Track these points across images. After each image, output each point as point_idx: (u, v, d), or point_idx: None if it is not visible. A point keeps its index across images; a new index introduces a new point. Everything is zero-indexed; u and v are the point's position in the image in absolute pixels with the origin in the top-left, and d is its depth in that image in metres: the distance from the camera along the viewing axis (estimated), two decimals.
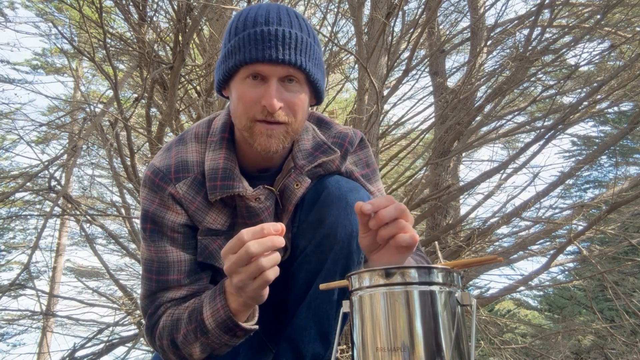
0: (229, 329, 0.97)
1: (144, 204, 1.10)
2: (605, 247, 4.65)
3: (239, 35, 0.99)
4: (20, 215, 5.19)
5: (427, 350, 0.69)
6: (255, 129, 1.01)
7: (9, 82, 6.79)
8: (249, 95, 0.99)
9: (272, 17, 0.98)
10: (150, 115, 3.69)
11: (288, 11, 1.02)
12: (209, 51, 3.87)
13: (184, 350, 1.02)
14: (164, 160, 1.11)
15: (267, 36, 0.96)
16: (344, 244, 1.07)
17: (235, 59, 0.98)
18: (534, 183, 3.80)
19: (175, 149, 1.13)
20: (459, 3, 5.36)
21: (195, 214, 1.09)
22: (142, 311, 1.13)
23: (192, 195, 1.08)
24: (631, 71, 3.74)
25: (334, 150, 1.15)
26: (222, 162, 1.08)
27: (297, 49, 0.98)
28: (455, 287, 0.75)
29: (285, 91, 1.00)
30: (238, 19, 1.02)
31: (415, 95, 6.22)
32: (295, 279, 1.13)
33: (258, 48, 0.96)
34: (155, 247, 1.09)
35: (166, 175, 1.09)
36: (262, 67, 0.97)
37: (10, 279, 3.64)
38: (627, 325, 3.85)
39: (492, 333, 3.79)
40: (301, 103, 1.02)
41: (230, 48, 1.01)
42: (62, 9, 5.50)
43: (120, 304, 4.20)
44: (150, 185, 1.10)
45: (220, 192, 1.06)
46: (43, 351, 4.65)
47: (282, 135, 1.02)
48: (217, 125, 1.14)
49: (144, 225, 1.10)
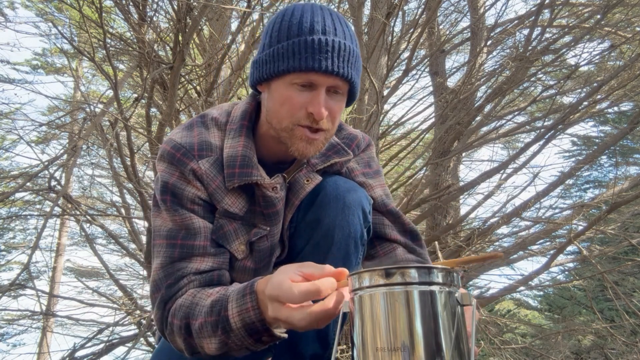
0: (255, 332, 0.90)
1: (163, 176, 1.08)
2: (605, 247, 4.65)
3: (294, 40, 1.00)
4: (20, 215, 5.19)
5: (427, 350, 0.69)
6: (297, 133, 1.03)
7: (9, 82, 6.79)
8: (297, 100, 1.01)
9: (328, 25, 1.01)
10: (150, 115, 3.69)
11: (339, 18, 1.05)
12: (209, 51, 3.87)
13: (198, 340, 0.95)
14: (185, 138, 1.10)
15: (325, 46, 0.98)
16: (341, 245, 1.07)
17: (289, 63, 0.99)
18: (534, 183, 3.81)
19: (197, 129, 1.12)
20: (459, 3, 5.36)
21: (215, 193, 1.07)
22: (156, 283, 1.03)
23: (213, 174, 1.07)
24: (631, 71, 3.75)
25: (347, 152, 1.19)
26: (241, 150, 1.08)
27: (349, 61, 1.01)
28: (455, 287, 0.75)
29: (330, 99, 1.03)
30: (290, 20, 1.02)
31: (415, 95, 6.24)
32: None
33: (315, 58, 0.98)
34: (179, 215, 1.05)
35: (189, 152, 1.07)
36: (315, 77, 0.99)
37: (10, 279, 3.64)
38: (627, 325, 3.85)
39: (492, 333, 3.79)
40: (340, 111, 1.07)
41: (281, 50, 1.01)
42: (62, 9, 5.51)
43: (120, 304, 4.20)
44: (170, 159, 1.07)
45: (239, 179, 1.05)
46: (43, 351, 4.65)
47: (320, 142, 1.06)
48: (236, 113, 1.14)
49: (164, 197, 1.07)
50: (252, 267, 1.14)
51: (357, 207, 1.10)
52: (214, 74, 3.65)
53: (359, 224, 1.10)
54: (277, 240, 1.15)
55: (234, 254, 1.10)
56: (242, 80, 3.88)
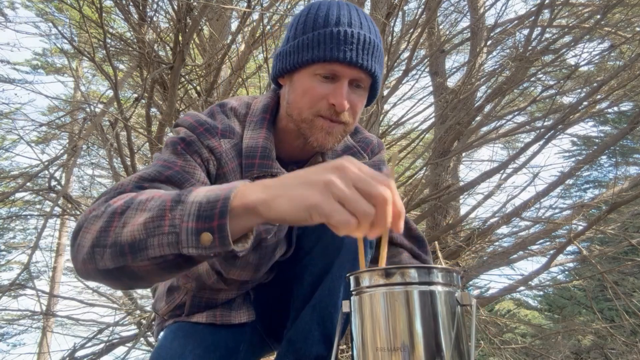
0: (208, 216, 0.66)
1: (179, 134, 1.02)
2: (605, 247, 4.65)
3: (319, 31, 1.00)
4: (20, 215, 5.19)
5: (427, 350, 0.69)
6: (317, 123, 1.02)
7: (9, 82, 6.78)
8: (319, 90, 1.00)
9: (354, 19, 1.00)
10: (150, 115, 3.70)
11: (364, 14, 1.04)
12: (209, 51, 3.87)
13: (120, 219, 0.72)
14: (209, 118, 1.07)
15: (350, 38, 0.98)
16: (350, 248, 1.06)
17: (313, 53, 0.99)
18: (534, 183, 3.80)
19: (219, 116, 1.10)
20: (459, 3, 5.36)
21: (228, 175, 1.05)
22: (114, 186, 0.87)
23: (232, 155, 1.05)
24: (631, 71, 3.74)
25: (363, 155, 1.19)
26: (262, 142, 1.06)
27: (373, 54, 1.00)
28: (455, 287, 0.75)
29: (352, 93, 1.02)
30: (316, 12, 1.03)
31: (415, 95, 6.23)
32: (300, 280, 1.12)
33: (340, 48, 0.97)
34: (184, 159, 0.98)
35: (212, 128, 1.04)
36: (339, 67, 0.99)
37: (10, 279, 3.64)
38: (627, 325, 3.85)
39: (492, 333, 3.79)
40: (362, 106, 1.06)
41: (306, 41, 1.00)
42: (62, 9, 5.50)
43: (120, 304, 4.20)
44: (192, 128, 1.02)
45: (258, 170, 1.04)
46: (43, 351, 4.65)
47: (340, 134, 1.04)
48: (257, 106, 1.13)
49: (176, 144, 1.00)
50: (255, 263, 1.12)
51: None
52: (214, 74, 3.65)
53: None
54: (282, 237, 1.14)
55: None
56: (242, 80, 3.88)
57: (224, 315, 1.19)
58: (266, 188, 0.67)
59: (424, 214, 4.37)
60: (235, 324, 1.19)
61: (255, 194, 0.67)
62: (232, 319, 1.19)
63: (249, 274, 1.15)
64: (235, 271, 1.13)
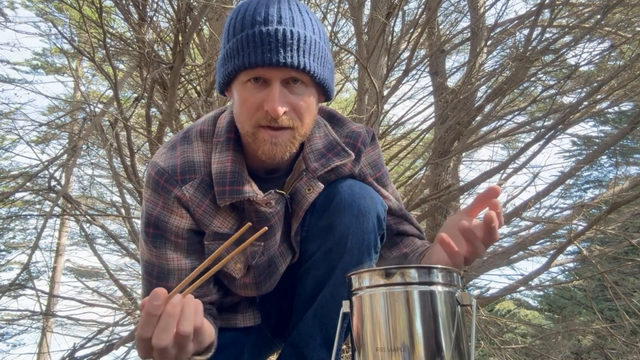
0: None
1: (147, 207, 1.05)
2: (605, 247, 4.65)
3: (237, 37, 0.93)
4: (20, 215, 5.19)
5: (427, 350, 0.69)
6: (259, 136, 0.95)
7: (9, 82, 6.79)
8: (251, 100, 0.93)
9: (272, 14, 0.92)
10: (150, 115, 3.69)
11: (289, 4, 0.95)
12: (209, 51, 3.86)
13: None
14: (168, 160, 1.04)
15: (267, 38, 0.89)
16: (353, 253, 1.04)
17: (234, 63, 0.92)
18: (534, 183, 3.81)
19: (180, 148, 1.06)
20: (459, 3, 5.35)
21: (202, 218, 1.03)
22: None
23: (199, 199, 1.02)
24: (631, 71, 3.74)
25: (348, 153, 1.09)
26: (230, 166, 1.01)
27: (299, 49, 0.91)
28: (455, 287, 0.75)
29: (289, 94, 0.94)
30: (236, 16, 0.96)
31: (415, 95, 6.21)
32: (303, 284, 1.11)
33: (257, 52, 0.89)
34: (156, 252, 1.05)
35: (172, 177, 1.02)
36: (263, 71, 0.91)
37: (10, 279, 3.64)
38: (627, 325, 3.85)
39: (492, 333, 3.79)
40: (307, 105, 0.96)
41: (229, 50, 0.95)
42: (62, 9, 5.49)
43: (120, 304, 4.20)
44: (154, 186, 1.03)
45: (230, 197, 1.00)
46: (43, 351, 4.65)
47: (288, 142, 0.96)
48: (222, 124, 1.07)
49: (147, 229, 1.05)
50: (253, 282, 1.13)
51: (372, 214, 1.06)
52: (214, 74, 3.65)
53: (372, 231, 1.06)
54: (274, 252, 1.12)
55: (231, 274, 1.10)
56: None
57: (230, 318, 1.19)
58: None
59: (424, 214, 4.37)
60: (240, 327, 1.19)
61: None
62: (238, 323, 1.19)
63: (253, 292, 1.16)
64: (237, 290, 1.15)
